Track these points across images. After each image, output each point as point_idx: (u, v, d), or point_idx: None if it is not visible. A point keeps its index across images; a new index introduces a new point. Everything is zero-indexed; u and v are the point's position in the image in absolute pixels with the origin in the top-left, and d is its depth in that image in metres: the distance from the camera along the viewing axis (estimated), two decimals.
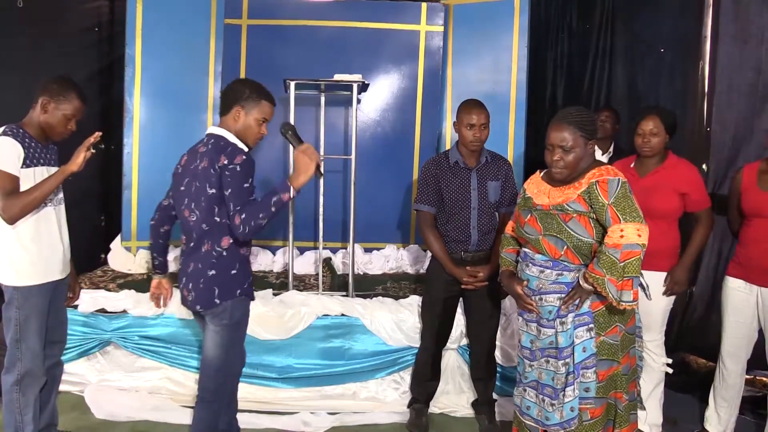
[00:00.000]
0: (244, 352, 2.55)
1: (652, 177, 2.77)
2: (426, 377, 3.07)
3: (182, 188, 2.31)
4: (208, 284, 2.23)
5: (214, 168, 2.16)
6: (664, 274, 2.76)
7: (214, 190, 2.17)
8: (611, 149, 3.82)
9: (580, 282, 2.14)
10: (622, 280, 2.05)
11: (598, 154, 3.67)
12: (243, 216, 2.10)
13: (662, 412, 2.92)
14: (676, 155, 2.82)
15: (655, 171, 2.78)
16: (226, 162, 2.15)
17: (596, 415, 2.18)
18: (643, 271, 2.42)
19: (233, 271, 2.26)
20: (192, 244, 2.27)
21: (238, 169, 2.15)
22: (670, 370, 2.87)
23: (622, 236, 2.06)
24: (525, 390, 2.31)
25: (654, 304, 2.66)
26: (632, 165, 2.86)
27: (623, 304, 2.07)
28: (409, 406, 3.13)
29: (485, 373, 3.05)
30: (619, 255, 2.04)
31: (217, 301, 2.23)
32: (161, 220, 2.48)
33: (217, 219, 2.20)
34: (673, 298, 2.81)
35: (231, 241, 2.23)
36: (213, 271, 2.23)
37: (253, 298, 2.39)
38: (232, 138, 2.27)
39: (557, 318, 2.17)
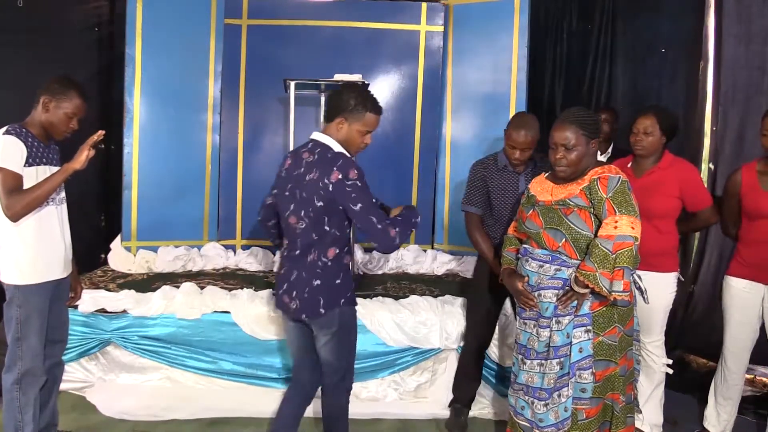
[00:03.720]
0: None
1: (649, 177, 2.77)
2: (468, 377, 3.04)
3: (286, 193, 2.27)
4: (313, 294, 2.22)
5: (324, 182, 2.13)
6: (663, 274, 2.75)
7: (322, 204, 2.15)
8: (610, 150, 3.82)
9: (572, 285, 2.16)
10: (614, 270, 2.06)
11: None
12: (397, 229, 2.14)
13: (662, 413, 2.92)
14: (672, 155, 2.81)
15: (651, 171, 2.77)
16: (340, 176, 2.12)
17: (591, 415, 2.19)
18: (642, 272, 2.43)
19: (337, 281, 2.25)
20: (297, 252, 2.25)
21: (359, 183, 2.14)
22: (671, 371, 2.87)
23: (615, 227, 2.08)
24: (518, 391, 2.32)
25: (654, 304, 2.66)
26: (629, 165, 2.86)
27: (614, 294, 2.07)
28: (449, 405, 3.11)
29: None
30: (611, 246, 2.06)
31: (322, 310, 2.22)
32: (267, 217, 2.48)
33: (327, 228, 2.19)
34: (672, 298, 2.81)
35: (337, 251, 2.23)
36: (318, 281, 2.22)
37: (355, 304, 2.38)
38: (337, 147, 2.24)
39: (554, 316, 2.18)
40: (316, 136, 2.28)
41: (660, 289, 2.73)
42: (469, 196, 2.94)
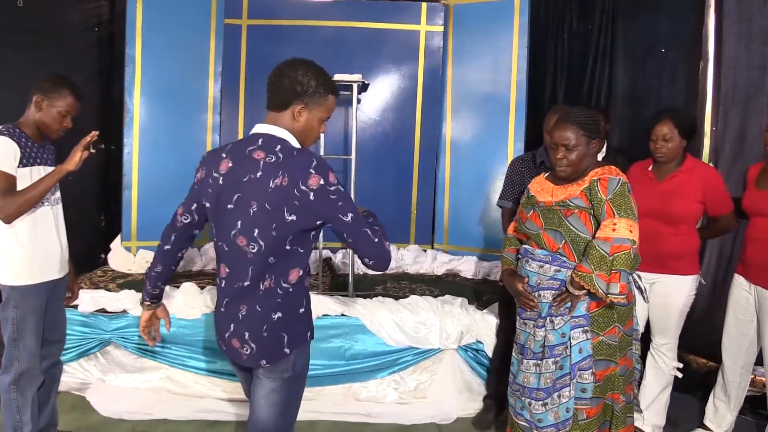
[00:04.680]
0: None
1: (671, 181, 2.73)
2: (497, 374, 3.03)
3: (230, 206, 1.72)
4: (274, 331, 1.74)
5: (301, 189, 1.64)
6: (682, 277, 2.72)
7: (294, 217, 1.66)
8: (604, 150, 3.82)
9: (567, 286, 2.15)
10: (611, 273, 2.06)
11: None
12: (386, 241, 1.74)
13: (666, 414, 2.92)
14: (693, 158, 2.79)
15: (673, 175, 2.73)
16: (322, 182, 1.65)
17: (592, 415, 2.19)
18: (660, 275, 2.43)
19: (301, 310, 1.80)
20: (247, 282, 1.73)
21: (341, 188, 1.70)
22: (680, 375, 2.85)
23: (614, 230, 2.08)
24: (516, 391, 2.33)
25: (671, 306, 2.66)
26: (650, 168, 2.82)
27: (611, 296, 2.07)
28: (483, 400, 3.15)
29: None
30: (608, 248, 2.06)
31: (287, 350, 1.76)
32: (179, 243, 1.93)
33: (288, 247, 1.71)
34: (690, 301, 2.77)
35: (300, 272, 1.75)
36: (279, 314, 1.74)
37: (312, 338, 1.89)
38: (295, 142, 1.76)
39: (547, 316, 2.18)
40: (267, 129, 1.76)
41: (678, 292, 2.71)
42: (505, 192, 2.98)
